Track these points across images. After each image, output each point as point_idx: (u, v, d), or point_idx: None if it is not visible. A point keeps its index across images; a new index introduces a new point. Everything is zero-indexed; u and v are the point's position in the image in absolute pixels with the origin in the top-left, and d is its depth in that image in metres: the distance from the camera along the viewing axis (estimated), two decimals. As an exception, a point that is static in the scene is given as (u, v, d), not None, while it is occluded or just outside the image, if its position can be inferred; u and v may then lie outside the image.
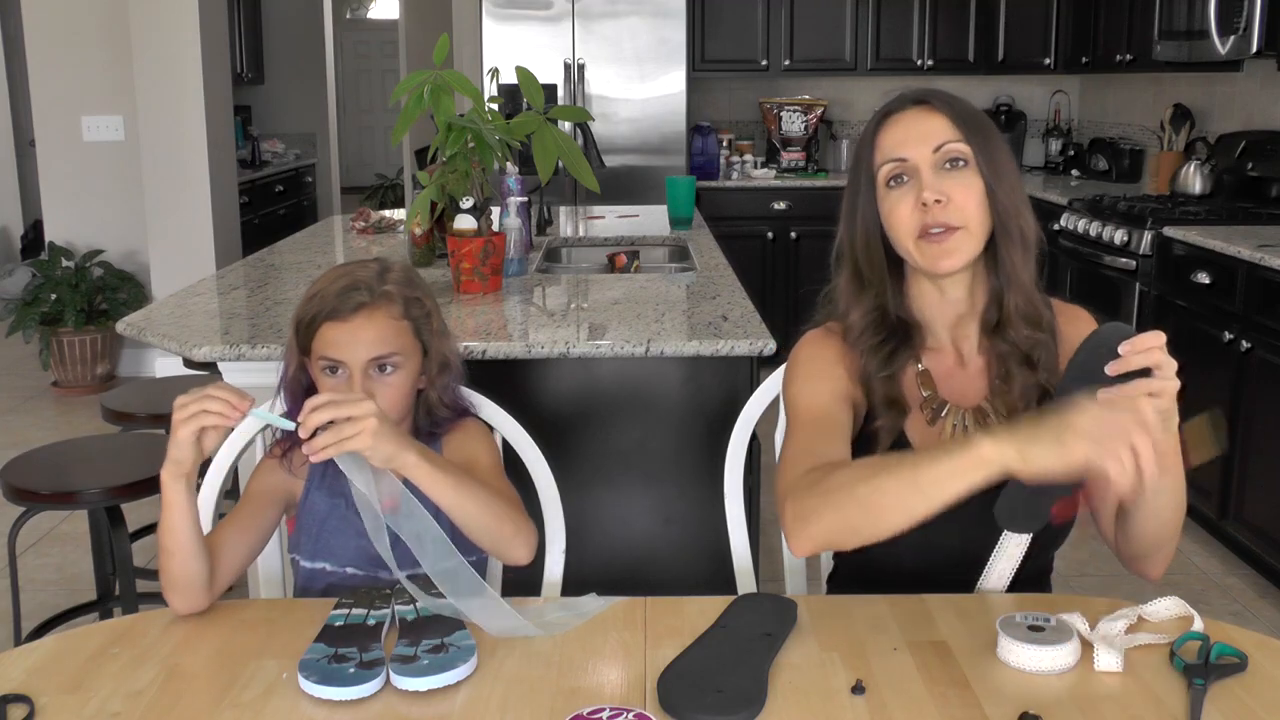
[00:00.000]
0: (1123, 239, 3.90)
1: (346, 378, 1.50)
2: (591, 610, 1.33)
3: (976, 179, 1.37)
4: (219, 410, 1.29)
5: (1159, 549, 1.38)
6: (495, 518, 1.43)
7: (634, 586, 1.42)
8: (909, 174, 1.38)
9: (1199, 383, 3.57)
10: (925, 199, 1.35)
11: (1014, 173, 1.41)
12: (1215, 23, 3.88)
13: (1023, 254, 1.40)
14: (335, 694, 1.14)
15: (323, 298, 1.52)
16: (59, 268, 5.33)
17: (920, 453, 1.23)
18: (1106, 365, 1.19)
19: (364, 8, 12.69)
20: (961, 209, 1.36)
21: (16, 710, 1.13)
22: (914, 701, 1.14)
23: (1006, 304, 1.41)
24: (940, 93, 1.42)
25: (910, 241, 1.38)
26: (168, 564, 1.36)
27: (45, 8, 5.40)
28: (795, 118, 5.80)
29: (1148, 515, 1.34)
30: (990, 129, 1.40)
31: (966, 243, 1.37)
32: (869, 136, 1.43)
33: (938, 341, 1.47)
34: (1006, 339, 1.42)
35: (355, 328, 1.50)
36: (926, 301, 1.46)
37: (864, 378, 1.43)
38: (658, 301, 2.57)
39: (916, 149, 1.37)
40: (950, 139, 1.37)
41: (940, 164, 1.37)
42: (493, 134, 2.57)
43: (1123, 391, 1.16)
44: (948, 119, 1.38)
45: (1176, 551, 1.42)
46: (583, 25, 5.19)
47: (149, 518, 3.34)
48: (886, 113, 1.42)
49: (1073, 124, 6.01)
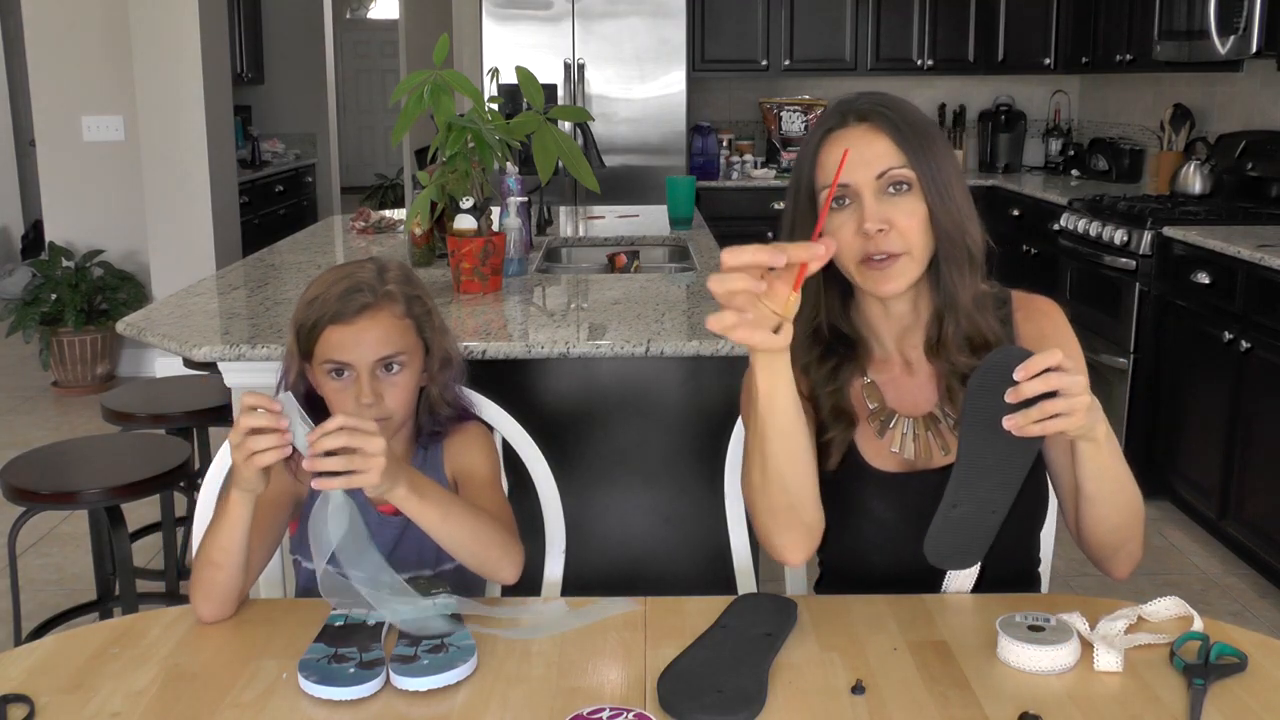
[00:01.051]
0: (1123, 239, 3.90)
1: (353, 380, 1.49)
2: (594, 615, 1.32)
3: (920, 204, 1.35)
4: (269, 445, 1.27)
5: (1119, 550, 1.37)
6: (482, 544, 1.43)
7: (634, 586, 1.42)
8: (851, 197, 1.36)
9: (1199, 383, 3.58)
10: (868, 229, 1.34)
11: (959, 187, 1.38)
12: (1215, 23, 3.88)
13: (967, 274, 1.39)
14: (335, 694, 1.14)
15: (324, 301, 1.51)
16: (59, 268, 5.33)
17: None
18: (1006, 393, 1.17)
19: (364, 8, 12.69)
20: (904, 235, 1.35)
21: (16, 710, 1.13)
22: (914, 701, 1.14)
23: (945, 327, 1.41)
24: (884, 106, 1.38)
25: (852, 265, 1.38)
26: (213, 575, 1.34)
27: (45, 8, 5.40)
28: (795, 118, 5.80)
29: (1097, 519, 1.34)
30: (933, 143, 1.37)
31: (910, 268, 1.37)
32: (810, 152, 1.40)
33: (884, 352, 1.48)
34: (946, 358, 1.42)
35: (360, 329, 1.49)
36: (871, 315, 1.46)
37: (810, 392, 1.44)
38: (658, 301, 2.57)
39: (858, 173, 1.35)
40: (893, 164, 1.35)
41: (883, 189, 1.35)
42: (493, 134, 2.57)
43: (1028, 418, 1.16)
44: (891, 141, 1.35)
45: (1176, 551, 1.42)
46: (583, 25, 5.19)
47: (149, 517, 3.35)
48: (828, 129, 1.39)
49: (1073, 124, 6.01)
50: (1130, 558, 1.38)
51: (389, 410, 1.51)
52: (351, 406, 1.49)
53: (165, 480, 2.48)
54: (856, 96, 1.41)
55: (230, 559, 1.34)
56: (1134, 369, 3.84)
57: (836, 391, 1.44)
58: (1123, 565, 1.39)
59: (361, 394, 1.48)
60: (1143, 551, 1.39)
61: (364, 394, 1.48)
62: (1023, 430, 1.16)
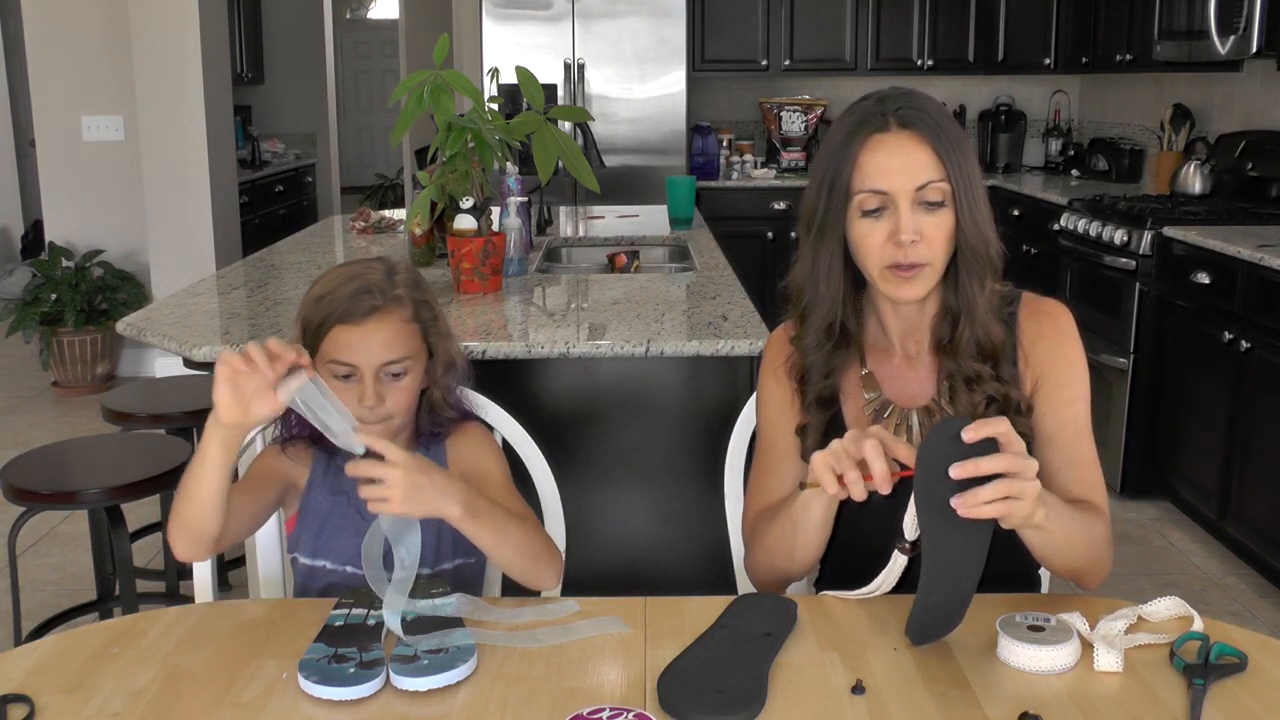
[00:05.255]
0: (1123, 239, 3.90)
1: (358, 381, 1.50)
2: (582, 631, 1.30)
3: (950, 217, 1.37)
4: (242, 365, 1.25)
5: (1080, 576, 1.39)
6: (528, 555, 1.44)
7: (634, 586, 1.43)
8: (886, 205, 1.37)
9: (1199, 383, 3.58)
10: (902, 240, 1.35)
11: (983, 197, 1.40)
12: (1215, 23, 3.88)
13: (987, 283, 1.41)
14: (335, 694, 1.14)
15: (333, 300, 1.51)
16: (59, 268, 5.33)
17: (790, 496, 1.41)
18: (951, 469, 1.16)
19: (364, 8, 12.68)
20: (931, 247, 1.37)
21: (16, 710, 1.13)
22: (914, 701, 1.14)
23: (960, 330, 1.42)
24: (924, 112, 1.38)
25: (876, 270, 1.39)
26: (185, 508, 1.36)
27: (45, 8, 5.40)
28: (795, 118, 5.81)
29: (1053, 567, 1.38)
30: (967, 153, 1.39)
31: (931, 276, 1.39)
32: (848, 151, 1.38)
33: (887, 344, 1.50)
34: (955, 360, 1.43)
35: (368, 331, 1.49)
36: (880, 310, 1.48)
37: (801, 377, 1.48)
38: (658, 301, 2.57)
39: (899, 182, 1.36)
40: (935, 178, 1.36)
41: (919, 201, 1.36)
42: (493, 134, 2.57)
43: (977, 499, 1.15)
44: (933, 152, 1.36)
45: (1176, 551, 1.43)
46: (583, 25, 5.19)
47: (149, 517, 3.35)
48: (871, 130, 1.38)
49: (1073, 124, 6.01)
50: (1097, 578, 1.40)
51: (390, 412, 1.51)
52: (353, 407, 1.49)
53: (165, 480, 2.48)
54: (894, 94, 1.41)
55: (203, 495, 1.35)
56: (1134, 369, 3.84)
57: (827, 381, 1.46)
58: (1088, 583, 1.41)
59: (364, 396, 1.49)
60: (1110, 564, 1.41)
61: (367, 396, 1.49)
62: (970, 512, 1.16)
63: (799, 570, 1.46)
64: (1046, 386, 1.44)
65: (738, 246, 4.03)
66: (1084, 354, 1.47)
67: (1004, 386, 1.42)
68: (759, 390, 1.57)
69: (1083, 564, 1.37)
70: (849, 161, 1.38)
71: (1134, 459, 3.91)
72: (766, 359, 1.56)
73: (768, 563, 1.47)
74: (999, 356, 1.42)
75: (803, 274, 1.46)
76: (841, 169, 1.39)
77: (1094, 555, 1.36)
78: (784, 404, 1.52)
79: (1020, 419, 1.42)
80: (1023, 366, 1.44)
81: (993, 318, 1.42)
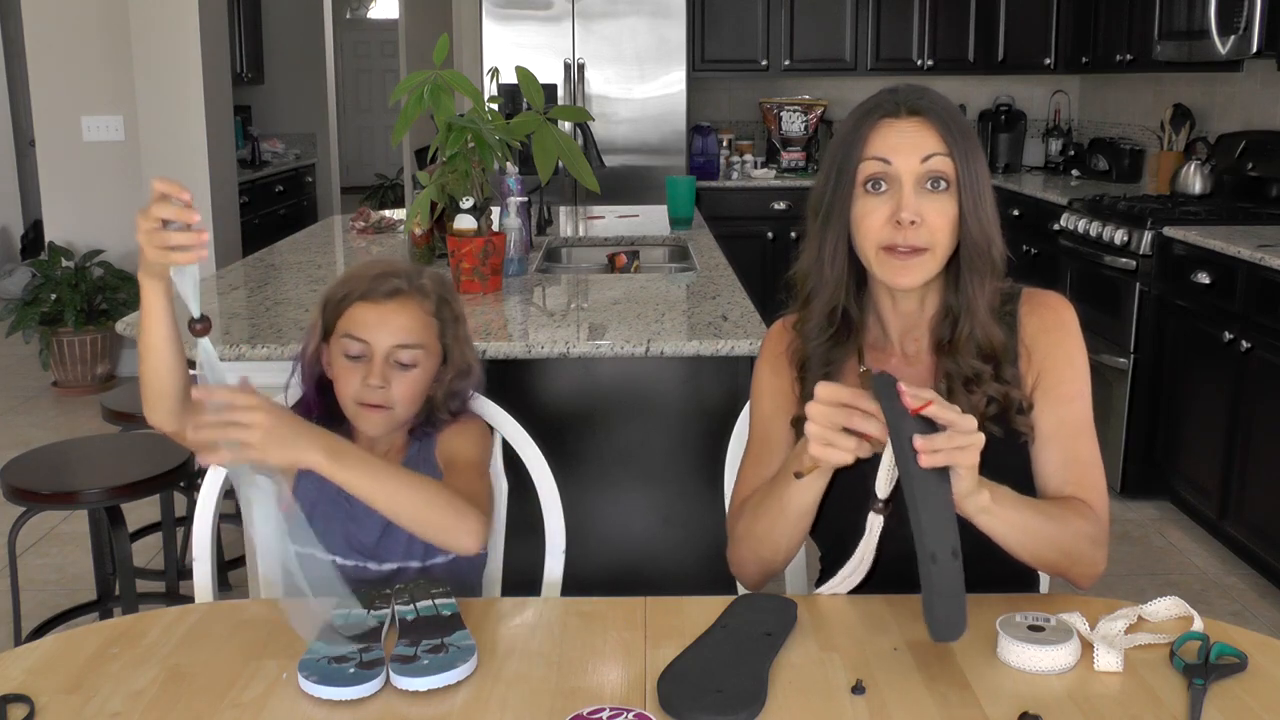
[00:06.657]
0: (1123, 239, 3.90)
1: (366, 361, 1.51)
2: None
3: (953, 204, 1.36)
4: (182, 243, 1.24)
5: (1065, 573, 1.38)
6: (428, 506, 1.39)
7: (634, 586, 1.42)
8: (889, 181, 1.37)
9: (1199, 383, 3.58)
10: (902, 218, 1.35)
11: (990, 195, 1.40)
12: (1215, 23, 3.88)
13: (988, 283, 1.40)
14: (335, 694, 1.14)
15: (358, 279, 1.54)
16: (59, 268, 5.33)
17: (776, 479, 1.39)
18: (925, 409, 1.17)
19: (364, 8, 12.69)
20: (932, 232, 1.36)
21: (16, 710, 1.13)
22: (914, 701, 1.14)
23: (960, 329, 1.41)
24: (934, 102, 1.40)
25: (873, 251, 1.38)
26: (142, 370, 1.39)
27: (45, 8, 5.40)
28: (795, 118, 5.80)
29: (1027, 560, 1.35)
30: (976, 148, 1.40)
31: (929, 264, 1.38)
32: (857, 134, 1.39)
33: (886, 342, 1.49)
34: (954, 360, 1.42)
35: (386, 311, 1.52)
36: (880, 305, 1.47)
37: (801, 365, 1.48)
38: (658, 301, 2.57)
39: (905, 157, 1.36)
40: (939, 151, 1.36)
41: (923, 180, 1.36)
42: (493, 134, 2.57)
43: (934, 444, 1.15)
44: (940, 136, 1.37)
45: (1176, 551, 1.42)
46: (582, 25, 5.19)
47: (149, 517, 3.35)
48: (881, 114, 1.39)
49: (1073, 124, 6.01)
50: (1085, 576, 1.39)
51: (393, 400, 1.52)
52: (357, 386, 1.50)
53: (165, 480, 2.48)
54: (907, 88, 1.42)
55: (152, 347, 1.37)
56: (1134, 369, 3.84)
57: (827, 371, 1.45)
58: (1079, 582, 1.40)
59: (371, 375, 1.50)
60: (1105, 564, 1.39)
61: (373, 375, 1.50)
62: (931, 460, 1.15)
63: (784, 560, 1.45)
64: (1046, 383, 1.43)
65: (738, 246, 4.03)
66: (1085, 349, 1.46)
67: (1004, 386, 1.42)
68: (754, 382, 1.56)
69: (1056, 559, 1.35)
70: (858, 143, 1.39)
71: (1134, 459, 3.91)
72: (764, 350, 1.56)
73: (755, 553, 1.45)
74: (1000, 358, 1.42)
75: (808, 260, 1.45)
76: (851, 151, 1.39)
77: (1071, 552, 1.35)
78: (780, 395, 1.51)
79: (1021, 418, 1.41)
80: (1024, 363, 1.44)
81: (993, 319, 1.42)
